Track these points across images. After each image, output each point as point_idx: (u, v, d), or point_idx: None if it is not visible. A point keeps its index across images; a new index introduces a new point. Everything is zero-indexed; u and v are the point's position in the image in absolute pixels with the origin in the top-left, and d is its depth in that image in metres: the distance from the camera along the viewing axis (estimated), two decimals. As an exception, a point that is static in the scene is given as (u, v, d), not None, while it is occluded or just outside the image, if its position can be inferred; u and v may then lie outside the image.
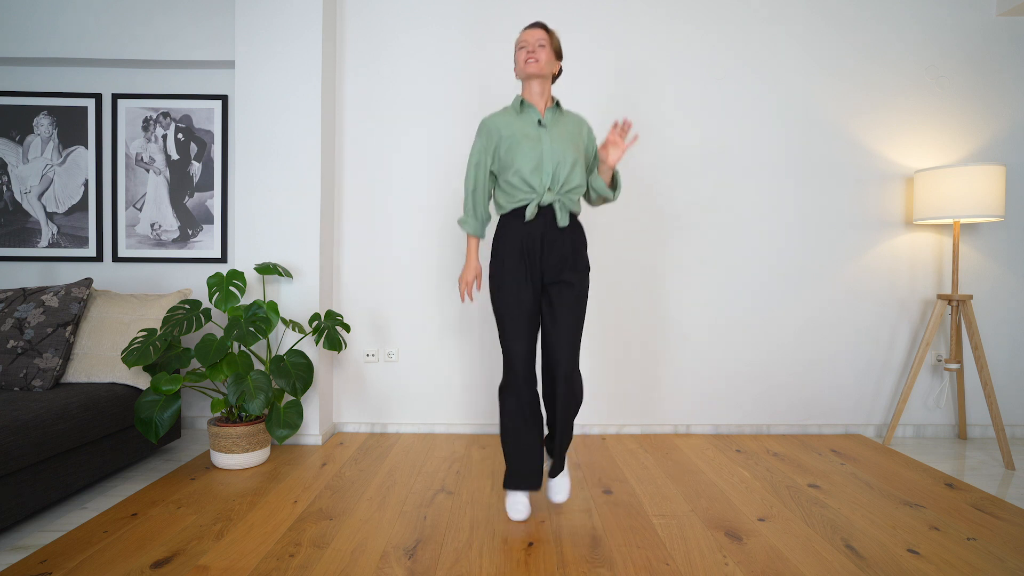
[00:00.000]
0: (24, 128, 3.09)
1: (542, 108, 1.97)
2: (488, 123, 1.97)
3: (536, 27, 1.94)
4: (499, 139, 1.95)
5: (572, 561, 1.72)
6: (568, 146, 1.91)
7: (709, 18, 3.01)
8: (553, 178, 1.88)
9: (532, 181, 1.87)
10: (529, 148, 1.88)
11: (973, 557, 1.76)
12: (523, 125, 1.93)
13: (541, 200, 1.88)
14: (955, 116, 3.04)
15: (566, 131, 1.94)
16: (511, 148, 1.90)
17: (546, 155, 1.88)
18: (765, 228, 3.04)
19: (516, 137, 1.91)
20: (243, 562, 1.69)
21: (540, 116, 1.94)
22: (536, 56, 1.90)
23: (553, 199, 1.88)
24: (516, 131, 1.92)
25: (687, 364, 3.04)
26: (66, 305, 2.49)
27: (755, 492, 2.26)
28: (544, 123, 1.93)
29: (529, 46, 1.91)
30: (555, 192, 1.88)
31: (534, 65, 1.90)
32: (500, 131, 1.94)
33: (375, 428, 3.04)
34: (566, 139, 1.92)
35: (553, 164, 1.87)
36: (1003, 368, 3.07)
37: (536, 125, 1.93)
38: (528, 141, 1.89)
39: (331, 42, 2.90)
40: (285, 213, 2.78)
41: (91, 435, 2.18)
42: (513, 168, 1.89)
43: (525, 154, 1.88)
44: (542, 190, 1.87)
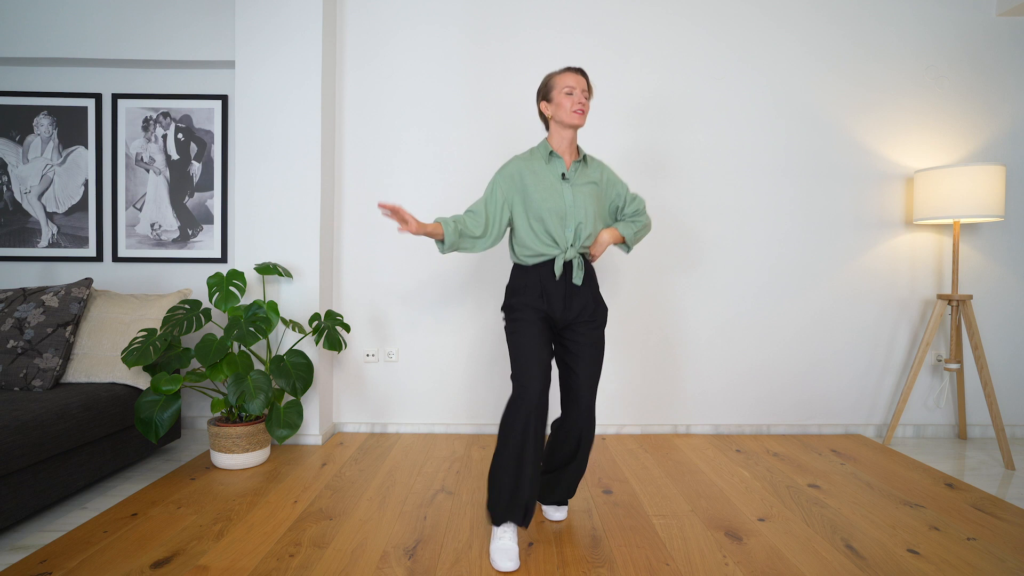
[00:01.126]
0: (24, 128, 3.09)
1: (569, 160, 1.91)
2: (515, 164, 1.91)
3: (582, 74, 1.87)
4: (522, 187, 1.88)
5: (572, 561, 1.72)
6: (591, 201, 1.87)
7: (709, 17, 3.01)
8: (576, 234, 1.85)
9: (556, 236, 1.84)
10: (554, 202, 1.84)
11: (973, 557, 1.76)
12: (547, 177, 1.88)
13: (566, 256, 1.85)
14: (955, 116, 3.04)
15: (588, 184, 1.90)
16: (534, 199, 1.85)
17: (569, 211, 1.84)
18: (765, 228, 3.04)
19: (539, 188, 1.86)
20: (243, 562, 1.69)
21: (565, 169, 1.89)
22: (585, 108, 1.86)
23: (574, 256, 1.86)
24: (539, 182, 1.87)
25: (687, 364, 3.04)
26: (66, 305, 2.49)
27: (755, 492, 2.26)
28: (568, 177, 1.88)
29: (577, 95, 1.84)
30: (576, 248, 1.86)
31: (582, 118, 1.86)
32: (524, 179, 1.88)
33: (375, 428, 3.04)
34: (588, 194, 1.88)
35: (576, 220, 1.84)
36: (1003, 368, 3.07)
37: (560, 179, 1.87)
38: (553, 195, 1.84)
39: (331, 41, 2.90)
40: (285, 213, 2.78)
41: (91, 435, 2.18)
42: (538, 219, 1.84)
43: (551, 208, 1.83)
44: (565, 246, 1.85)
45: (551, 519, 2.02)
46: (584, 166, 1.93)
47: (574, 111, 1.84)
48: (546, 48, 2.99)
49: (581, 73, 1.88)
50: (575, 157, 1.93)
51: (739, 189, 3.03)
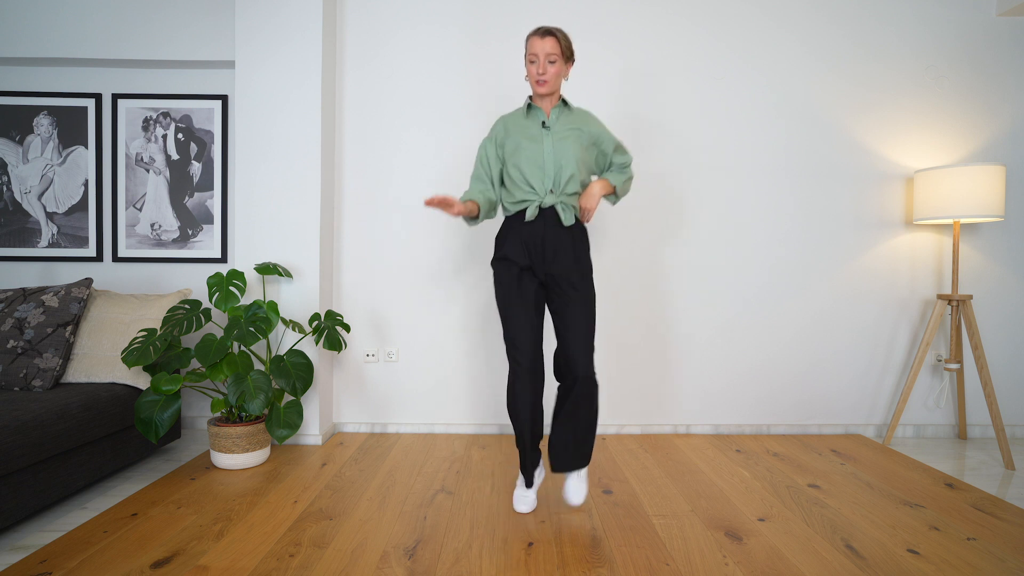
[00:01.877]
0: (24, 128, 3.09)
1: (548, 109, 1.97)
2: (500, 121, 2.02)
3: (545, 36, 1.86)
4: (505, 138, 1.97)
5: (572, 561, 1.72)
6: (571, 147, 1.90)
7: (709, 17, 3.01)
8: (555, 180, 1.88)
9: (533, 182, 1.89)
10: (532, 150, 1.89)
11: (973, 557, 1.76)
12: (528, 127, 1.94)
13: (543, 202, 1.89)
14: (955, 116, 3.04)
15: (571, 132, 1.94)
16: (515, 150, 1.92)
17: (547, 157, 1.88)
18: (765, 227, 3.04)
19: (520, 139, 1.93)
20: (243, 562, 1.69)
21: (545, 117, 1.94)
22: (546, 76, 1.88)
23: (555, 201, 1.89)
24: (521, 132, 1.94)
25: (687, 364, 3.04)
26: (66, 305, 2.49)
27: (755, 492, 2.26)
28: (548, 124, 1.93)
29: (539, 63, 1.88)
30: (556, 194, 1.89)
31: (544, 87, 1.89)
32: (507, 130, 1.97)
33: (375, 428, 3.04)
34: (569, 140, 1.92)
35: (555, 167, 1.88)
36: (1003, 368, 3.07)
37: (540, 127, 1.93)
38: (531, 143, 1.90)
39: (331, 41, 2.90)
40: (285, 213, 2.78)
41: (91, 435, 2.18)
42: (516, 169, 1.91)
43: (527, 156, 1.89)
44: (544, 192, 1.89)
45: (569, 502, 1.98)
46: (567, 111, 1.96)
47: (536, 80, 1.88)
48: (546, 48, 2.99)
49: (548, 35, 1.87)
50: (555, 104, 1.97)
51: (739, 189, 3.03)
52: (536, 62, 1.88)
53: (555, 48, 1.87)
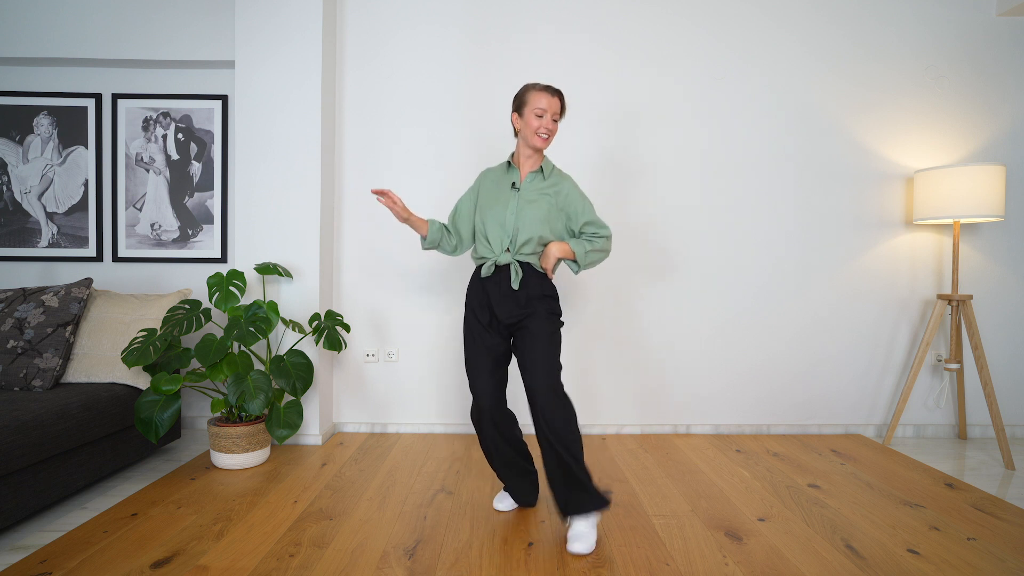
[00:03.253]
0: (24, 128, 3.09)
1: (525, 171, 1.97)
2: (481, 175, 2.06)
3: (555, 96, 1.90)
4: (480, 194, 2.02)
5: (572, 561, 1.72)
6: (537, 213, 1.90)
7: (709, 17, 3.01)
8: (512, 241, 1.91)
9: (492, 240, 1.93)
10: (497, 209, 1.94)
11: (973, 557, 1.76)
12: (501, 186, 1.98)
13: (498, 260, 1.91)
14: (955, 116, 3.04)
15: (540, 196, 1.93)
16: (484, 205, 1.98)
17: (510, 218, 1.91)
18: (765, 227, 3.04)
19: (491, 195, 1.98)
20: (243, 562, 1.69)
21: (519, 180, 1.96)
22: (552, 133, 1.91)
23: (509, 260, 1.90)
24: (493, 190, 1.99)
25: (687, 364, 3.04)
26: (66, 305, 2.49)
27: (755, 492, 2.26)
28: (518, 186, 1.95)
29: (546, 119, 1.89)
30: (512, 254, 1.91)
31: (544, 143, 1.92)
32: (483, 187, 2.02)
33: (375, 428, 3.04)
34: (537, 205, 1.91)
35: (514, 228, 1.91)
36: (1003, 368, 3.07)
37: (510, 188, 1.96)
38: (497, 204, 1.95)
39: (331, 41, 2.90)
40: (285, 213, 2.78)
41: (91, 435, 2.17)
42: (482, 224, 1.98)
43: (492, 214, 1.94)
44: (500, 250, 1.92)
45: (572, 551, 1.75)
46: (541, 178, 1.97)
47: (539, 134, 1.90)
48: (546, 48, 2.99)
49: (557, 95, 1.91)
50: (534, 168, 1.97)
51: (739, 189, 3.03)
52: (543, 117, 1.89)
53: (559, 108, 1.92)
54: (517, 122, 1.95)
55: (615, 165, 3.01)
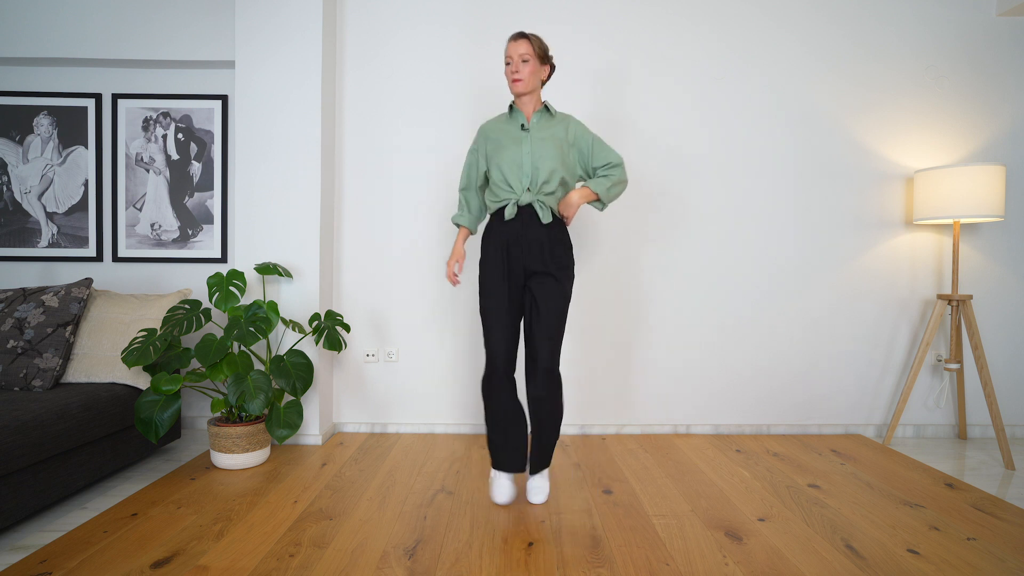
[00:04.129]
0: (24, 128, 3.09)
1: (529, 113, 2.06)
2: (482, 127, 2.11)
3: (519, 39, 1.98)
4: (487, 141, 2.07)
5: (572, 561, 1.72)
6: (550, 149, 1.98)
7: (709, 17, 3.01)
8: (532, 179, 1.97)
9: (512, 181, 1.97)
10: (512, 151, 1.99)
11: (973, 557, 1.76)
12: (509, 129, 2.04)
13: (520, 200, 1.97)
14: (955, 116, 3.04)
15: (550, 134, 2.02)
16: (496, 151, 2.02)
17: (526, 157, 1.97)
18: (765, 228, 3.04)
19: (501, 140, 2.03)
20: (243, 562, 1.69)
21: (525, 121, 2.03)
22: (520, 75, 1.98)
23: (532, 199, 1.97)
24: (502, 135, 2.04)
25: (687, 364, 3.04)
26: (66, 305, 2.49)
27: (755, 492, 2.26)
28: (527, 127, 2.02)
29: (513, 63, 1.99)
30: (534, 192, 1.97)
31: (520, 85, 1.99)
32: (489, 135, 2.07)
33: (375, 428, 3.04)
34: (549, 142, 2.00)
35: (532, 167, 1.96)
36: (1003, 368, 3.07)
37: (520, 129, 2.02)
38: (511, 144, 2.00)
39: (331, 41, 2.90)
40: (285, 213, 2.78)
41: (91, 435, 2.18)
42: (496, 169, 2.01)
43: (507, 156, 1.99)
44: (521, 190, 1.97)
45: (531, 501, 2.09)
46: (548, 117, 2.06)
47: (512, 80, 1.99)
48: (546, 48, 2.99)
49: (520, 38, 1.98)
50: (537, 108, 2.07)
51: (739, 189, 3.03)
52: (511, 63, 2.00)
53: (528, 49, 1.98)
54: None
55: (615, 165, 3.01)
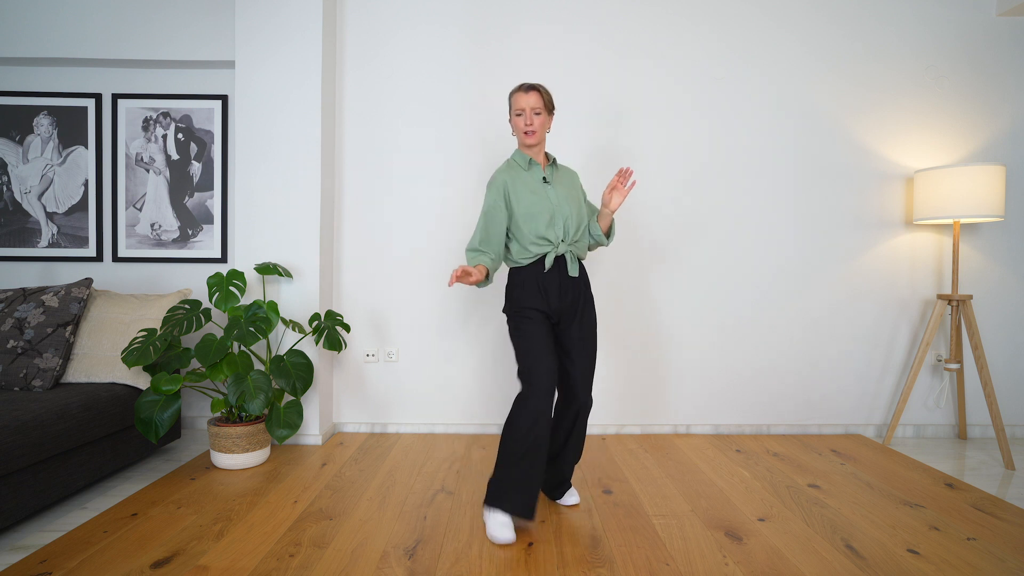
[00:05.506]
0: (24, 128, 3.09)
1: (543, 163, 2.07)
2: (499, 178, 2.01)
3: (530, 92, 1.94)
4: (510, 196, 1.98)
5: (572, 561, 1.72)
6: (571, 200, 2.01)
7: (709, 17, 3.00)
8: (565, 230, 1.98)
9: (548, 235, 1.96)
10: (539, 205, 1.96)
11: (973, 557, 1.76)
12: (529, 183, 2.00)
13: (557, 251, 1.97)
14: (955, 116, 3.04)
15: (566, 184, 2.05)
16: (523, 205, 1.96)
17: (556, 211, 1.97)
18: (765, 227, 3.04)
19: (526, 195, 1.97)
20: (243, 562, 1.69)
21: (543, 173, 2.03)
22: (533, 128, 1.96)
23: (566, 250, 1.98)
24: (524, 189, 1.99)
25: (687, 364, 3.04)
26: (66, 305, 2.49)
27: (755, 492, 2.26)
28: (548, 180, 2.02)
29: (526, 116, 1.95)
30: (568, 243, 1.98)
31: (533, 138, 1.97)
32: (508, 186, 1.99)
33: (375, 428, 3.04)
34: (568, 192, 2.03)
35: (563, 218, 1.97)
36: (1003, 368, 3.07)
37: (542, 183, 2.01)
38: (537, 197, 1.97)
39: (331, 41, 2.90)
40: (285, 213, 2.78)
41: (91, 435, 2.17)
42: (528, 222, 1.95)
43: (537, 210, 1.95)
44: (557, 242, 1.97)
45: (566, 504, 2.12)
46: (556, 169, 2.09)
47: (524, 132, 1.98)
48: (546, 47, 2.99)
49: (532, 90, 1.96)
50: (547, 162, 2.09)
51: (739, 189, 3.03)
52: (523, 115, 1.96)
53: (539, 102, 1.96)
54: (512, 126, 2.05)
55: (614, 164, 3.01)
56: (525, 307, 1.96)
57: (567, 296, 1.98)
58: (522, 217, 1.96)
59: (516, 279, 2.00)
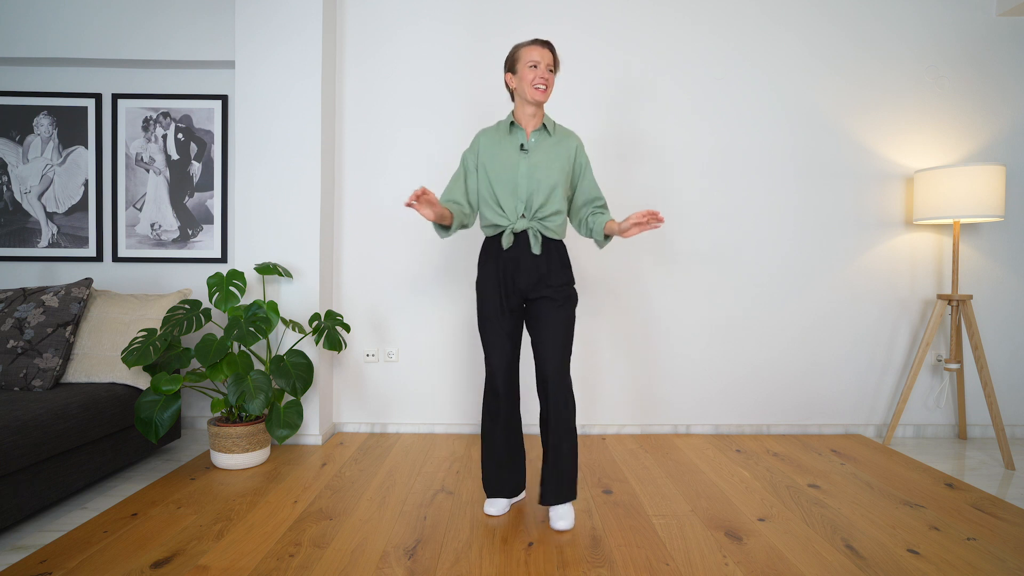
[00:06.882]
0: (24, 128, 3.09)
1: (530, 130, 1.94)
2: (478, 137, 1.98)
3: (544, 47, 1.86)
4: (480, 157, 1.94)
5: (572, 561, 1.72)
6: (549, 172, 1.88)
7: (709, 16, 3.00)
8: (527, 205, 1.87)
9: (505, 206, 1.88)
10: (506, 173, 1.88)
11: (973, 557, 1.76)
12: (505, 148, 1.91)
13: (514, 227, 1.88)
14: (955, 116, 3.04)
15: (551, 154, 1.91)
16: (489, 171, 1.91)
17: (521, 182, 1.87)
18: (765, 227, 3.04)
19: (495, 160, 1.90)
20: (243, 562, 1.69)
21: (525, 140, 1.92)
22: (547, 83, 1.86)
23: (527, 226, 1.88)
24: (497, 153, 1.91)
25: (687, 364, 3.04)
26: (66, 305, 2.49)
27: (755, 492, 2.26)
28: (527, 147, 1.91)
29: (541, 70, 1.85)
30: (528, 219, 1.88)
31: (543, 94, 1.87)
32: (482, 149, 1.94)
33: (375, 428, 3.04)
34: (548, 164, 1.89)
35: (527, 192, 1.87)
36: (1003, 368, 3.07)
37: (518, 150, 1.91)
38: (506, 166, 1.88)
39: (331, 40, 2.90)
40: (285, 213, 2.78)
41: (91, 435, 2.17)
42: (489, 188, 1.91)
43: (501, 179, 1.88)
44: (515, 217, 1.88)
45: (555, 528, 1.90)
46: (547, 135, 1.93)
47: (536, 86, 1.85)
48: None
49: (547, 47, 1.87)
50: (537, 127, 1.94)
51: (739, 188, 3.03)
52: (537, 67, 1.85)
53: (551, 59, 1.88)
54: (512, 81, 1.92)
55: (614, 163, 3.01)
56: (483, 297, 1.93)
57: (531, 276, 1.88)
58: (485, 182, 1.91)
59: (483, 253, 1.97)
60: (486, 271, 1.95)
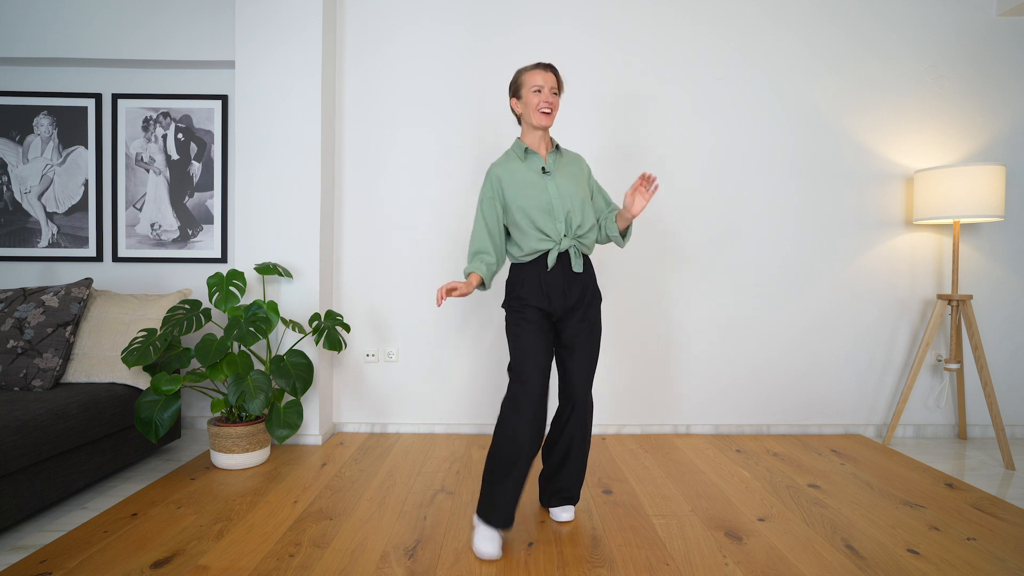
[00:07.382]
0: (24, 128, 3.09)
1: (543, 152, 1.93)
2: (493, 171, 1.93)
3: (548, 71, 1.86)
4: (503, 188, 1.90)
5: (572, 561, 1.72)
6: (575, 188, 1.88)
7: (709, 16, 3.00)
8: (567, 224, 1.86)
9: (547, 229, 1.84)
10: (537, 197, 1.85)
11: (973, 557, 1.76)
12: (527, 174, 1.89)
13: (560, 247, 1.85)
14: (955, 116, 3.04)
15: (569, 173, 1.92)
16: (520, 200, 1.86)
17: (555, 202, 1.85)
18: (765, 228, 3.04)
19: (522, 189, 1.86)
20: (243, 562, 1.69)
21: (543, 163, 1.91)
22: (552, 107, 1.86)
23: (568, 245, 1.86)
24: (521, 181, 1.88)
25: (687, 364, 3.04)
26: (66, 305, 2.49)
27: (755, 492, 2.26)
28: (548, 169, 1.90)
29: (545, 94, 1.85)
30: (571, 238, 1.87)
31: (548, 118, 1.86)
32: (504, 180, 1.90)
33: (375, 428, 3.04)
34: (572, 182, 1.90)
35: (564, 211, 1.85)
36: (1003, 368, 3.07)
37: (540, 173, 1.89)
38: (536, 191, 1.86)
39: (331, 40, 2.90)
40: (285, 213, 2.78)
41: (91, 435, 2.17)
42: (525, 217, 1.85)
43: (535, 203, 1.84)
44: (559, 237, 1.86)
45: (557, 520, 1.98)
46: (560, 156, 1.96)
47: (541, 110, 1.85)
48: (547, 45, 2.99)
49: (550, 70, 1.87)
50: (549, 149, 1.95)
51: (739, 189, 3.03)
52: (542, 91, 1.84)
53: (556, 83, 1.88)
54: (517, 107, 1.92)
55: (614, 164, 3.01)
56: (525, 304, 1.86)
57: (572, 294, 1.87)
58: (519, 212, 1.85)
59: (517, 276, 1.90)
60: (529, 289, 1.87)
